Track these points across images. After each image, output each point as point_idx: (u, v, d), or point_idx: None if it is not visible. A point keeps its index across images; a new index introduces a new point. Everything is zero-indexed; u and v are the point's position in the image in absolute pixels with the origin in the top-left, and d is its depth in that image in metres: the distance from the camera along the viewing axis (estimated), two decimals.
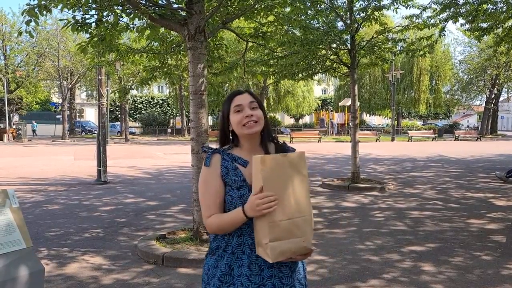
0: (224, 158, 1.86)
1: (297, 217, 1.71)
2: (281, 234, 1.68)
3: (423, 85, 41.02)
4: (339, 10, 10.24)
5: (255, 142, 1.90)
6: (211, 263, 1.86)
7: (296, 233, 1.71)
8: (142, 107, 55.58)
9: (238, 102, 1.87)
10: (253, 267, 1.78)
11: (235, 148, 1.91)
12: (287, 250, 1.70)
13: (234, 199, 1.81)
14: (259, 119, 1.85)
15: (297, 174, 1.73)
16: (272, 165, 1.68)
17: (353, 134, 10.71)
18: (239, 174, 1.83)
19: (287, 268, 1.82)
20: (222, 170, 1.84)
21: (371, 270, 4.57)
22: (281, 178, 1.70)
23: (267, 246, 1.67)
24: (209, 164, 1.86)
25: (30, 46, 33.66)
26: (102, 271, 4.60)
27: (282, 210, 1.68)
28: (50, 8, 4.70)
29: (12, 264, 2.64)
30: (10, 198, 2.84)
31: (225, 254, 1.83)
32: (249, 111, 1.84)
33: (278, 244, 1.67)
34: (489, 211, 7.52)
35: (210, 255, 1.89)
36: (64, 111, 35.75)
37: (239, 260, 1.80)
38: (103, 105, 12.11)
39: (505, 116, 69.20)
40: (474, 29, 11.14)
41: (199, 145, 5.35)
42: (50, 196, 9.18)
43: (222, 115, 1.91)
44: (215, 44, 6.92)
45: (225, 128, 1.91)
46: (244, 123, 1.83)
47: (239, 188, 1.82)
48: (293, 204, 1.71)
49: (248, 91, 1.93)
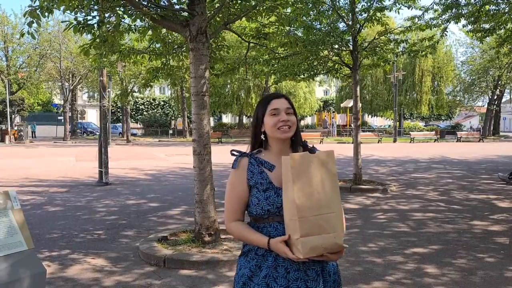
0: (251, 162, 1.92)
1: (327, 212, 1.73)
2: (311, 229, 1.69)
3: (425, 86, 40.98)
4: (341, 11, 10.23)
5: (285, 146, 1.95)
6: (243, 264, 1.92)
7: (327, 229, 1.72)
8: (144, 108, 55.62)
9: (275, 105, 1.91)
10: (280, 269, 1.81)
11: (264, 151, 1.96)
12: (319, 246, 1.70)
13: (260, 201, 1.86)
14: (293, 125, 1.90)
15: (326, 171, 1.76)
16: (301, 162, 1.73)
17: (355, 136, 10.67)
18: (265, 177, 1.88)
19: (314, 272, 1.82)
20: (248, 174, 1.90)
21: (374, 272, 4.55)
22: (310, 174, 1.73)
23: (298, 242, 1.68)
24: (236, 167, 1.93)
25: (32, 47, 33.76)
26: (103, 273, 4.58)
27: (311, 206, 1.70)
28: (52, 10, 4.70)
29: (14, 266, 2.62)
30: (12, 199, 2.82)
31: (256, 257, 1.87)
32: (285, 116, 1.89)
33: (309, 239, 1.68)
34: (492, 213, 7.49)
35: (243, 256, 1.94)
36: (65, 112, 35.80)
37: (267, 261, 1.84)
38: (105, 107, 12.12)
39: (508, 117, 69.02)
40: (476, 30, 11.11)
41: (201, 146, 5.34)
42: (51, 197, 9.17)
43: (256, 116, 1.96)
44: (217, 45, 6.91)
45: (258, 129, 1.95)
46: (278, 127, 1.88)
47: (265, 190, 1.86)
48: (323, 200, 1.72)
49: (285, 97, 1.97)
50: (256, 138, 1.98)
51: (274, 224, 1.84)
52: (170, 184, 11.14)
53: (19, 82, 35.06)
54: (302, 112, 43.34)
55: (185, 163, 15.45)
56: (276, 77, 11.82)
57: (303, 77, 11.78)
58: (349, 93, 39.98)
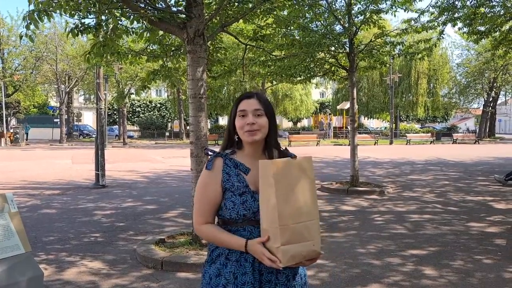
0: (226, 163, 1.83)
1: (307, 220, 1.71)
2: (292, 238, 1.66)
3: (421, 88, 41.12)
4: (337, 13, 10.25)
5: (257, 148, 1.87)
6: (213, 272, 1.81)
7: (307, 237, 1.70)
8: (140, 110, 55.51)
9: (243, 107, 1.83)
10: (255, 274, 1.76)
11: (238, 152, 1.88)
12: (298, 254, 1.68)
13: (236, 205, 1.78)
14: (261, 127, 1.81)
15: (306, 178, 1.74)
16: (284, 169, 1.69)
17: (352, 138, 10.68)
18: (242, 179, 1.81)
19: (283, 276, 1.80)
20: (224, 176, 1.82)
21: (372, 274, 4.55)
22: (292, 182, 1.70)
23: (278, 250, 1.65)
24: (211, 168, 1.83)
25: (28, 49, 33.59)
26: (101, 275, 4.56)
27: (293, 214, 1.68)
28: (49, 13, 4.67)
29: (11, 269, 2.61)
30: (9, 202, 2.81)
31: (228, 262, 1.78)
32: (252, 118, 1.80)
33: (289, 247, 1.66)
34: (488, 214, 7.51)
35: (210, 263, 1.84)
36: (62, 114, 35.66)
37: (242, 267, 1.76)
38: (102, 109, 12.09)
39: (503, 119, 69.35)
40: (472, 33, 11.17)
41: (198, 148, 5.34)
42: (48, 200, 9.13)
43: (230, 116, 1.90)
44: (214, 47, 6.91)
45: (231, 130, 1.88)
46: (245, 130, 1.80)
47: (241, 194, 1.78)
48: (303, 207, 1.71)
49: (258, 95, 1.87)
50: (230, 138, 1.89)
51: (249, 228, 1.77)
52: (167, 187, 11.12)
53: (15, 84, 34.86)
54: (299, 114, 43.39)
55: (181, 166, 15.41)
56: (272, 78, 11.78)
57: (299, 79, 11.79)
58: (346, 95, 40.03)
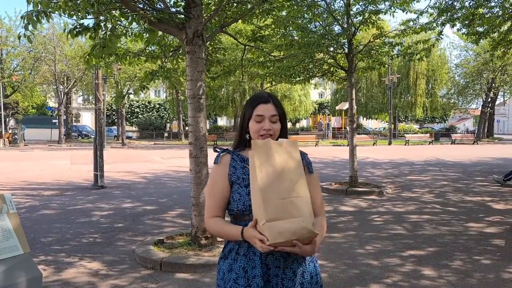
0: (233, 158, 1.94)
1: (293, 196, 1.69)
2: (278, 214, 1.64)
3: (419, 89, 41.20)
4: (336, 14, 10.26)
5: None
6: (226, 268, 1.88)
7: (294, 213, 1.66)
8: (139, 111, 55.50)
9: (260, 112, 1.89)
10: (264, 267, 1.80)
11: (247, 150, 1.95)
12: (286, 231, 1.63)
13: (242, 196, 1.86)
14: (275, 133, 1.89)
15: (290, 157, 1.76)
16: (264, 147, 1.74)
17: (350, 138, 10.68)
18: (247, 172, 1.87)
19: (290, 271, 1.82)
20: (230, 169, 1.91)
21: (371, 274, 4.55)
22: (274, 159, 1.73)
23: (264, 227, 1.63)
24: (218, 162, 1.94)
25: (26, 50, 33.54)
26: (99, 276, 4.56)
27: (276, 189, 1.68)
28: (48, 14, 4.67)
29: (10, 270, 2.61)
30: (7, 203, 2.81)
31: (238, 257, 1.85)
32: (268, 124, 1.88)
33: (276, 223, 1.63)
34: (487, 215, 7.52)
35: (223, 259, 1.91)
36: (60, 115, 35.62)
37: (252, 261, 1.81)
38: (100, 109, 12.07)
39: (501, 119, 69.48)
40: (471, 33, 11.19)
41: (197, 149, 5.34)
42: (47, 201, 9.11)
43: (242, 117, 1.96)
44: (213, 48, 6.91)
45: (243, 130, 1.96)
46: (261, 134, 1.88)
47: (247, 185, 1.86)
48: (287, 184, 1.70)
49: (274, 100, 1.93)
50: (241, 138, 1.97)
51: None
52: (165, 187, 11.11)
53: (13, 85, 34.84)
54: (297, 114, 43.41)
55: (180, 166, 15.41)
56: (271, 78, 11.77)
57: (298, 79, 11.79)
58: (344, 95, 40.10)
